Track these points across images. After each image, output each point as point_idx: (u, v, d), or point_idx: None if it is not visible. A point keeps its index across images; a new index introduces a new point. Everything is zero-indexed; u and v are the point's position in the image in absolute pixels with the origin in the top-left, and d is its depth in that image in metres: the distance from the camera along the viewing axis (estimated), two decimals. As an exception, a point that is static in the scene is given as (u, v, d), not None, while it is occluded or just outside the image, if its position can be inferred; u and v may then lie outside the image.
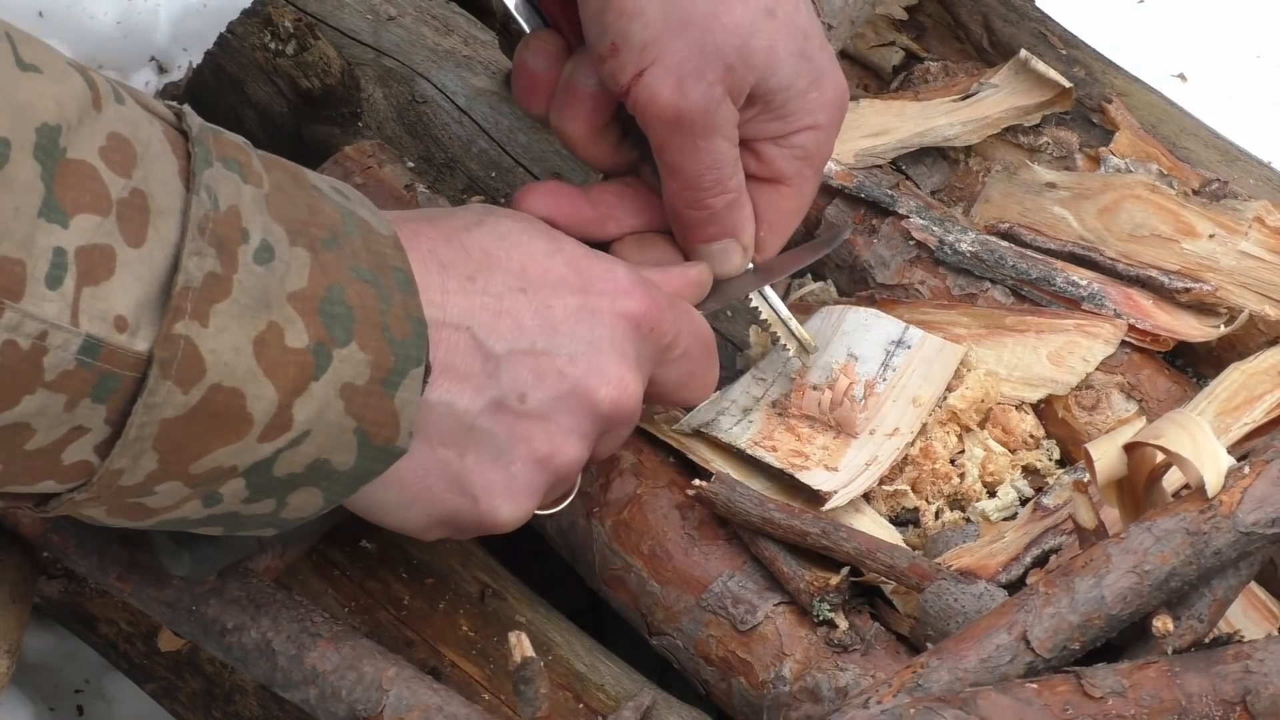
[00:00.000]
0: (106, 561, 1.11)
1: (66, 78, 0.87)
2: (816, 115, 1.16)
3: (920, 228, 1.32)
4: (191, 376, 0.90)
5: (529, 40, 1.18)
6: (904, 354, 1.24)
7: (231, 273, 0.91)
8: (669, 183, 1.15)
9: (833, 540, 1.12)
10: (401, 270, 0.98)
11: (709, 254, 1.17)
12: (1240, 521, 1.02)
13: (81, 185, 0.86)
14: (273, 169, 0.96)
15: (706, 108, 1.10)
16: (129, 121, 0.90)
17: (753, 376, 1.26)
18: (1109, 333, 1.26)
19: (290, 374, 0.93)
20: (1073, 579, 1.02)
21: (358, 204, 1.00)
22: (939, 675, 1.01)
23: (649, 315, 1.09)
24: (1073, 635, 1.01)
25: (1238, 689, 1.00)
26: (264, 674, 1.08)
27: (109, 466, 0.91)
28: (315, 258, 0.95)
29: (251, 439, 0.93)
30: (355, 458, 0.98)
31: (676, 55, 1.09)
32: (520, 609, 1.20)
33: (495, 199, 1.41)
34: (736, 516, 1.14)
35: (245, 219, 0.92)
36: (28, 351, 0.85)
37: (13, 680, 1.24)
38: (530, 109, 1.19)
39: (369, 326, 0.96)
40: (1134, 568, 1.02)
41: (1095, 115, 1.41)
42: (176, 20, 1.85)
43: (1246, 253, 1.28)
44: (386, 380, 0.96)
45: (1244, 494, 1.02)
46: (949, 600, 1.08)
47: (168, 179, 0.90)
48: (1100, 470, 1.07)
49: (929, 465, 1.21)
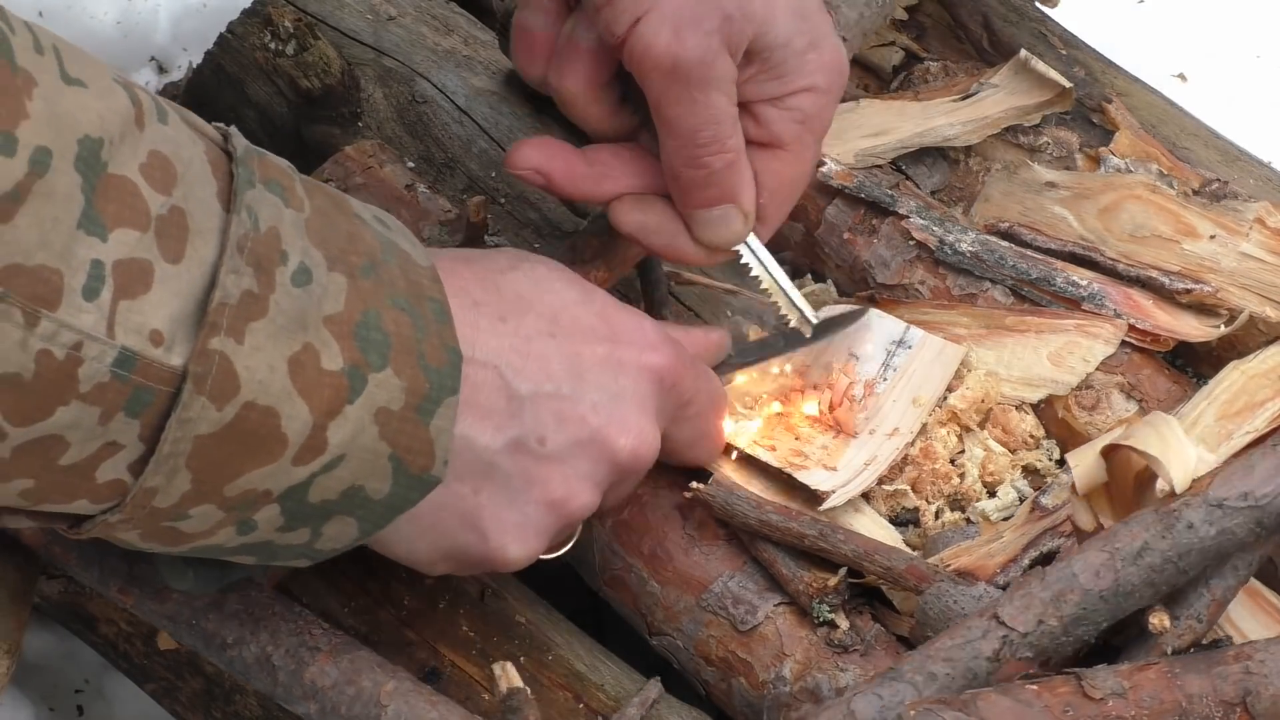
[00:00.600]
0: (107, 574, 1.11)
1: (111, 93, 0.87)
2: (815, 77, 1.14)
3: (920, 228, 1.32)
4: (226, 393, 0.90)
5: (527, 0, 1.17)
6: (905, 354, 1.24)
7: (269, 293, 0.91)
8: (667, 140, 1.12)
9: (830, 542, 1.12)
10: (438, 301, 0.99)
11: (709, 220, 1.15)
12: (1211, 496, 1.02)
13: (122, 200, 0.87)
14: (315, 194, 0.97)
15: (704, 57, 1.08)
16: (171, 141, 0.90)
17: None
18: (1109, 333, 1.26)
19: (325, 395, 0.93)
20: (1045, 567, 1.04)
21: (398, 234, 1.00)
22: (913, 659, 1.01)
23: (672, 371, 1.09)
24: (1046, 610, 1.01)
25: (1238, 690, 1.00)
26: (266, 688, 1.08)
27: (143, 485, 0.91)
28: (353, 283, 0.95)
29: (286, 460, 0.93)
30: (390, 485, 0.98)
31: (673, 3, 1.07)
32: (520, 609, 1.19)
33: (495, 199, 1.40)
34: (734, 519, 1.14)
35: (285, 241, 0.92)
36: (63, 361, 0.85)
37: (13, 680, 1.24)
38: (528, 71, 1.17)
39: (404, 354, 0.96)
40: (1104, 546, 1.03)
41: (1095, 115, 1.41)
42: (176, 20, 1.85)
43: (1247, 254, 1.28)
44: (421, 407, 0.96)
45: (1215, 477, 1.04)
46: (948, 602, 1.08)
47: (207, 199, 0.90)
48: (1080, 477, 1.08)
49: (929, 465, 1.21)
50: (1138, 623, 1.04)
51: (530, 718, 1.00)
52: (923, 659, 1.01)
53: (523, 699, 1.00)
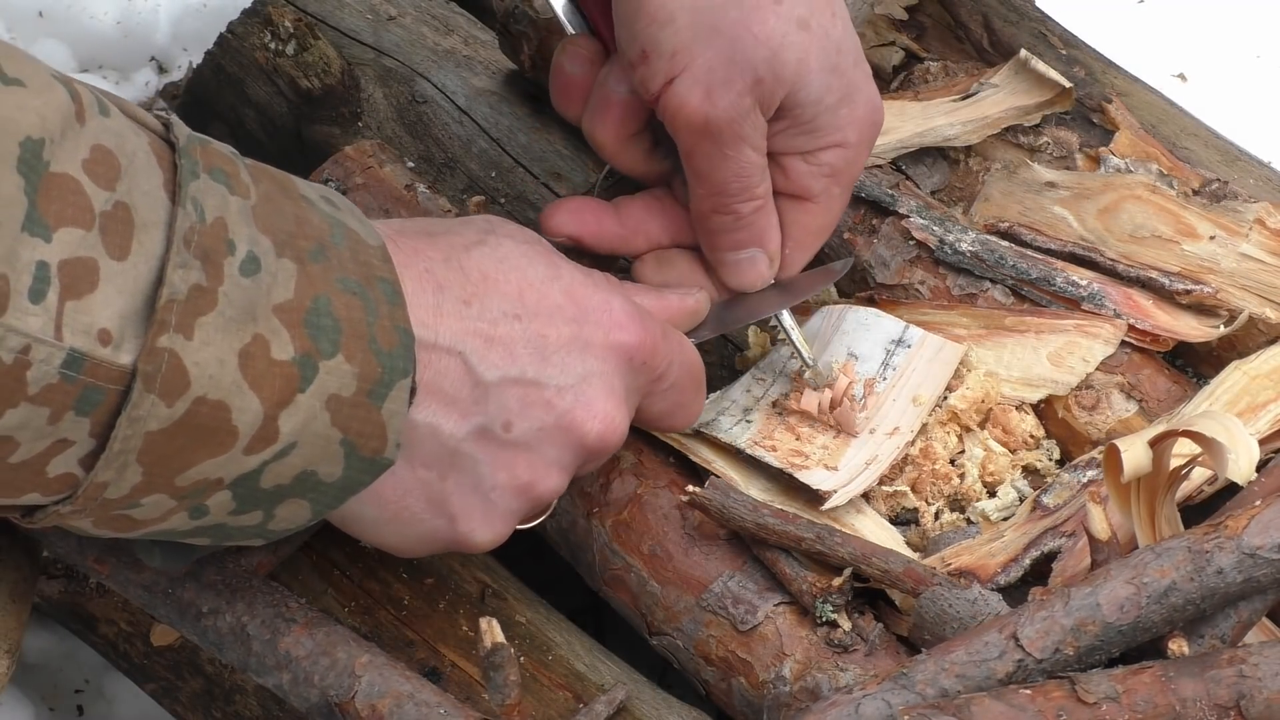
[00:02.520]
0: (84, 545, 1.12)
1: (50, 90, 0.87)
2: (846, 132, 1.16)
3: (920, 227, 1.32)
4: (176, 389, 0.89)
5: (566, 45, 1.18)
6: (904, 353, 1.24)
7: (217, 285, 0.90)
8: (696, 189, 1.15)
9: (828, 545, 1.12)
10: (389, 281, 0.98)
11: (735, 262, 1.17)
12: (1245, 543, 1.02)
13: (64, 198, 0.86)
14: (261, 179, 0.96)
15: (734, 117, 1.11)
16: (113, 134, 0.89)
17: (753, 376, 1.26)
18: (1109, 333, 1.26)
19: (276, 386, 0.93)
20: (1070, 588, 1.03)
21: (347, 214, 1.00)
22: (925, 668, 1.01)
23: (642, 348, 1.09)
24: (1065, 638, 1.01)
25: (1232, 694, 1.00)
26: (239, 658, 1.08)
27: (94, 479, 0.91)
28: (302, 269, 0.94)
29: (237, 451, 0.93)
30: (343, 469, 0.97)
31: (705, 64, 1.10)
32: (520, 609, 1.20)
33: (495, 199, 1.40)
34: (731, 522, 1.14)
35: (232, 231, 0.92)
36: (10, 366, 0.85)
37: (13, 680, 1.24)
38: (566, 113, 1.19)
39: (355, 338, 0.95)
40: (1132, 579, 1.02)
41: (1095, 115, 1.41)
42: (176, 20, 1.85)
43: (1247, 255, 1.28)
44: (373, 392, 0.96)
45: (1252, 519, 1.03)
46: (944, 605, 1.08)
47: (152, 191, 0.90)
48: (1128, 463, 1.07)
49: (929, 465, 1.21)
50: (1153, 645, 1.04)
51: (512, 675, 1.01)
52: (936, 671, 1.01)
53: (505, 656, 1.00)
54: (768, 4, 1.10)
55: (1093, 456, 1.21)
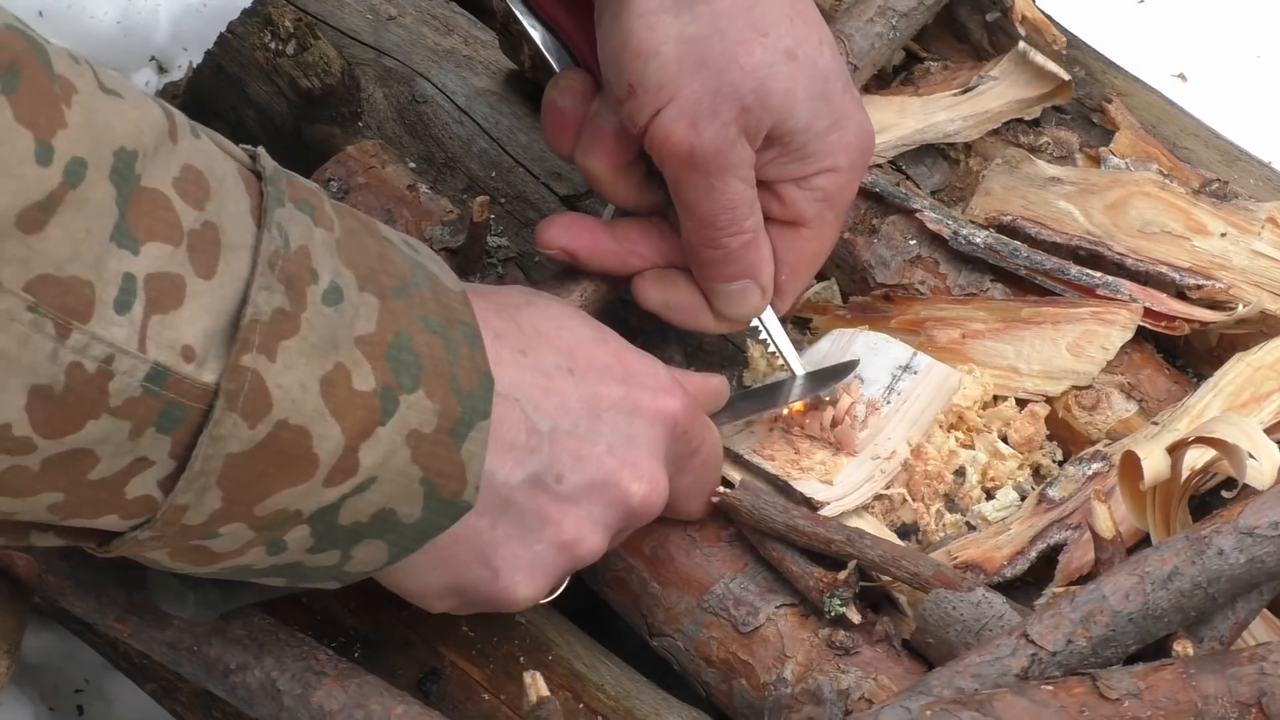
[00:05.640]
0: (105, 603, 1.10)
1: (145, 105, 0.87)
2: (837, 158, 1.16)
3: (934, 220, 1.31)
4: (258, 411, 0.89)
5: (557, 80, 1.19)
6: (909, 379, 1.23)
7: (300, 311, 0.90)
8: (685, 221, 1.15)
9: (858, 548, 1.11)
10: (469, 325, 0.98)
11: (728, 294, 1.18)
12: (1242, 524, 1.03)
13: (154, 213, 0.86)
14: (344, 216, 0.96)
15: (720, 148, 1.11)
16: (204, 155, 0.89)
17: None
18: (1125, 318, 1.25)
19: (357, 416, 0.92)
20: (1074, 588, 1.04)
21: (427, 258, 1.00)
22: (941, 675, 1.01)
23: (685, 418, 1.09)
24: (1075, 630, 1.01)
25: (1253, 690, 1.00)
26: (270, 714, 1.07)
27: (172, 502, 0.90)
28: (384, 304, 0.94)
29: (317, 482, 0.93)
30: (422, 510, 0.97)
31: (691, 95, 1.10)
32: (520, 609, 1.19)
33: (496, 199, 1.41)
34: (761, 524, 1.13)
35: (315, 260, 0.92)
36: (93, 374, 0.85)
37: (13, 680, 1.23)
38: (558, 149, 1.19)
39: (436, 376, 0.95)
40: (1134, 570, 1.03)
41: (1095, 115, 1.41)
42: (176, 20, 1.85)
43: (1259, 252, 1.28)
44: (454, 431, 0.96)
45: (1246, 505, 1.04)
46: (947, 608, 1.08)
47: (240, 215, 0.90)
48: (1149, 474, 1.07)
49: (921, 466, 1.21)
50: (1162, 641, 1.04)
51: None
52: (951, 674, 1.01)
53: (551, 709, 0.99)
54: (754, 36, 1.10)
55: (1098, 449, 1.21)
